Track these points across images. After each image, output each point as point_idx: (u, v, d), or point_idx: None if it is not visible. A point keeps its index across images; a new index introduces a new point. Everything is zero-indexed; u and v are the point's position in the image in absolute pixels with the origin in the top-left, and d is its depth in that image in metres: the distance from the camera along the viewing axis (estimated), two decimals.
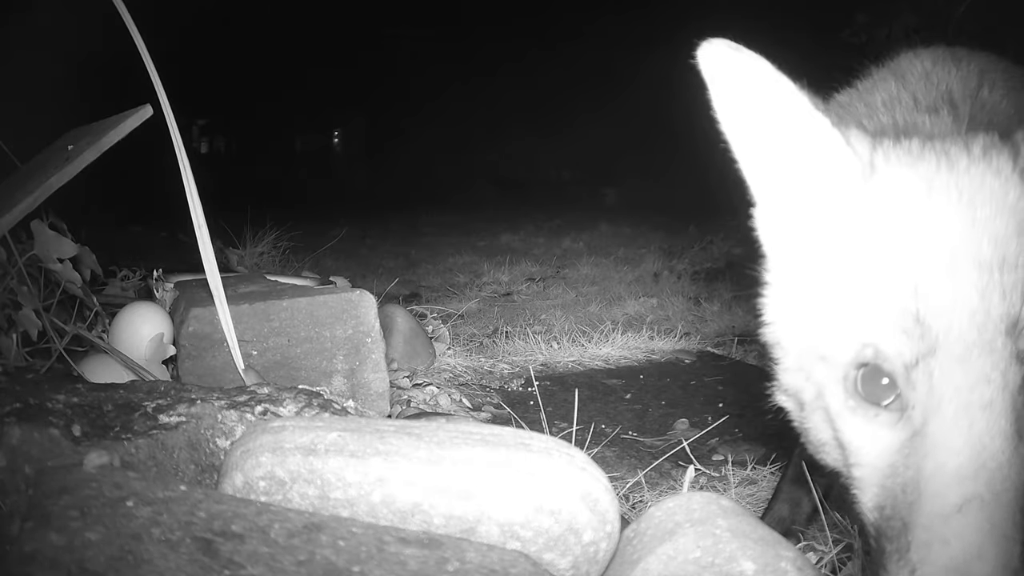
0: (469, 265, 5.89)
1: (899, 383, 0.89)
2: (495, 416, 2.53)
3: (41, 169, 1.93)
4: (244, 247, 4.84)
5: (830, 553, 1.52)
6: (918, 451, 0.87)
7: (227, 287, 1.97)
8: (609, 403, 2.72)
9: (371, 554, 0.93)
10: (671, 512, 1.13)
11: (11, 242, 1.85)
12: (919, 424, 0.88)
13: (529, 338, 3.43)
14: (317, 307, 2.06)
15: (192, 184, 1.85)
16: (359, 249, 6.77)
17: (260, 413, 1.45)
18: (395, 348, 2.82)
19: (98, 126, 1.97)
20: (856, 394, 0.93)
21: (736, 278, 4.98)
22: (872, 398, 0.92)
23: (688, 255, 6.00)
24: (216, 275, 1.85)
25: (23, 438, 1.26)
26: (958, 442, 0.84)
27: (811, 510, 1.70)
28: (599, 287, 4.92)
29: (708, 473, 2.10)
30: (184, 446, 1.36)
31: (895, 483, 0.89)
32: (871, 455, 0.93)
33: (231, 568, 0.86)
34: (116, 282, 2.69)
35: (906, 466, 0.88)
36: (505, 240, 7.28)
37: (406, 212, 10.02)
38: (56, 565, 0.80)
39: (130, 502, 0.93)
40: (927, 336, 0.87)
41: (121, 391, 1.48)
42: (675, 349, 3.43)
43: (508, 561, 0.97)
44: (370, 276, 5.14)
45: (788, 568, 1.02)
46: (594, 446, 2.21)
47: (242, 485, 1.08)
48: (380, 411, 2.11)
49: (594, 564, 1.07)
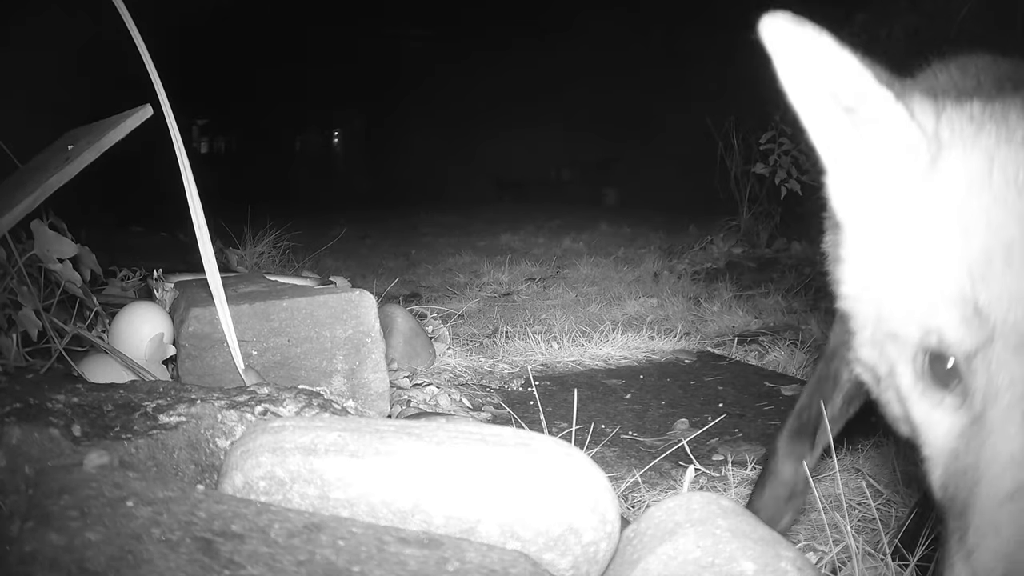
0: (469, 265, 5.89)
1: (961, 370, 0.91)
2: (495, 416, 2.53)
3: (41, 169, 1.93)
4: (244, 247, 4.84)
5: (830, 553, 1.52)
6: (977, 437, 0.89)
7: (227, 287, 1.97)
8: (609, 403, 2.72)
9: (371, 554, 0.93)
10: (671, 512, 1.13)
11: (11, 242, 1.85)
12: (979, 411, 0.89)
13: (529, 338, 3.43)
14: (317, 307, 2.06)
15: (192, 184, 1.85)
16: (359, 249, 6.77)
17: (260, 413, 1.45)
18: (395, 348, 2.82)
19: (98, 126, 1.97)
20: (924, 377, 0.95)
21: (736, 278, 4.98)
22: (939, 382, 0.94)
23: (688, 255, 6.00)
24: (216, 275, 1.85)
25: (23, 438, 1.26)
26: (1012, 430, 0.86)
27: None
28: (599, 287, 4.93)
29: (708, 473, 2.10)
30: (184, 446, 1.36)
31: (957, 467, 0.92)
32: (937, 438, 0.95)
33: (231, 568, 0.86)
34: (116, 282, 2.69)
35: (967, 451, 0.90)
36: (505, 240, 7.28)
37: (406, 212, 10.02)
38: (56, 565, 0.80)
39: (130, 502, 0.93)
40: (985, 325, 0.87)
41: (121, 391, 1.48)
42: (675, 349, 3.43)
43: (508, 561, 0.97)
44: (370, 276, 5.14)
45: (788, 568, 1.02)
46: (594, 446, 2.21)
47: (242, 485, 1.08)
48: (380, 411, 2.11)
49: (594, 564, 1.07)
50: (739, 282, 4.87)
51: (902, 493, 1.83)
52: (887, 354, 1.01)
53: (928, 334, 0.92)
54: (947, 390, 0.93)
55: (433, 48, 15.29)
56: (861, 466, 2.04)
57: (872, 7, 5.15)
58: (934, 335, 0.92)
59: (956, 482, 0.92)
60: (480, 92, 14.06)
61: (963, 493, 0.90)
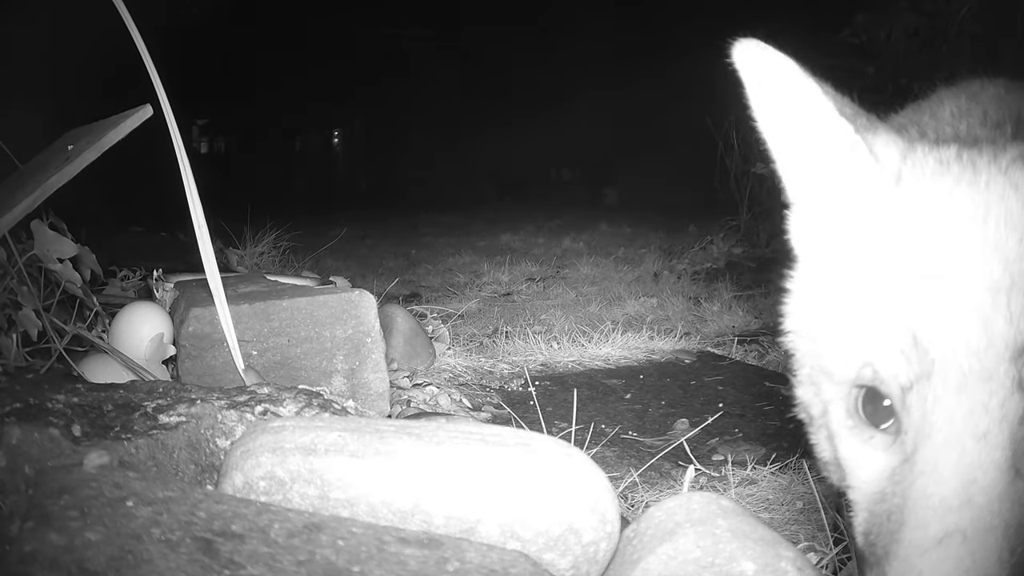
0: (469, 265, 5.89)
1: (896, 406, 0.86)
2: (495, 416, 2.53)
3: (41, 169, 1.93)
4: (244, 247, 4.84)
5: (830, 553, 1.52)
6: (906, 478, 0.84)
7: (227, 287, 1.97)
8: (609, 403, 2.72)
9: (371, 554, 0.93)
10: (671, 512, 1.13)
11: (11, 242, 1.85)
12: (910, 450, 0.84)
13: (529, 338, 3.43)
14: (317, 307, 2.06)
15: (192, 184, 1.85)
16: (359, 249, 6.77)
17: (260, 413, 1.45)
18: (395, 348, 2.82)
19: (98, 126, 1.97)
20: (856, 414, 0.90)
21: (736, 278, 4.98)
22: (872, 420, 0.89)
23: (688, 255, 6.00)
24: (216, 275, 1.85)
25: (23, 438, 1.26)
26: (946, 472, 0.80)
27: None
28: (599, 287, 4.93)
29: (708, 473, 2.10)
30: (184, 446, 1.36)
31: (882, 509, 0.87)
32: (864, 478, 0.91)
33: (231, 568, 0.86)
34: (116, 282, 2.69)
35: (894, 492, 0.85)
36: (505, 240, 7.28)
37: (406, 212, 10.02)
38: (56, 565, 0.80)
39: (130, 502, 0.93)
40: (924, 359, 0.83)
41: (121, 391, 1.48)
42: (675, 349, 3.43)
43: (508, 561, 0.97)
44: (370, 276, 5.14)
45: (788, 568, 1.02)
46: (594, 446, 2.21)
47: (242, 485, 1.08)
48: (380, 411, 2.12)
49: (594, 564, 1.07)
50: (739, 282, 4.87)
51: None
52: (822, 393, 0.96)
53: (864, 367, 0.88)
54: (878, 428, 0.88)
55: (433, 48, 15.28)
56: None
57: (872, 7, 5.15)
58: (869, 368, 0.87)
59: (879, 527, 0.86)
60: (480, 92, 14.06)
61: (884, 539, 0.83)
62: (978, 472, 0.79)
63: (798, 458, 2.14)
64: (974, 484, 0.79)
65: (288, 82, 15.35)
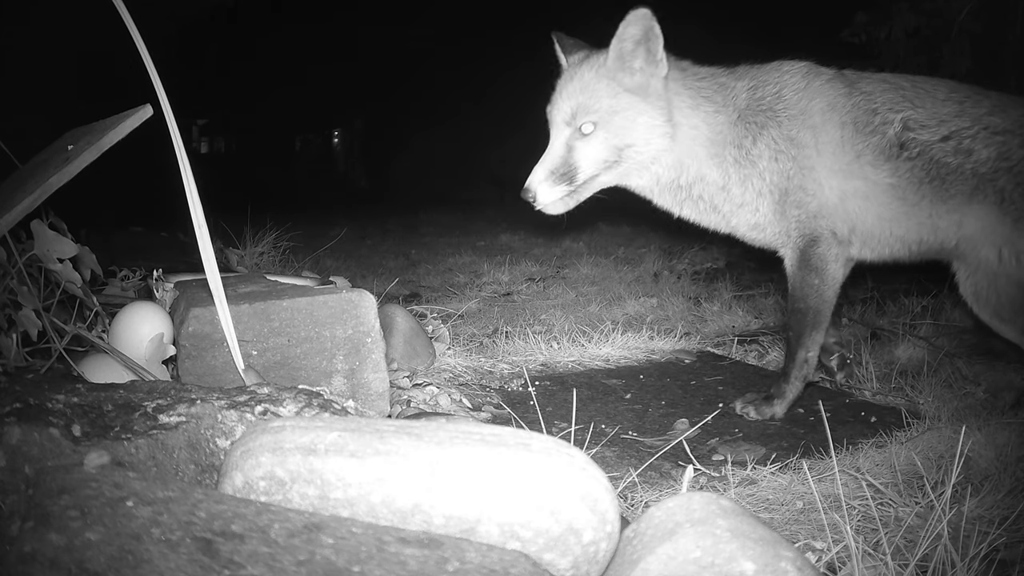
0: (469, 265, 5.88)
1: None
2: (495, 416, 2.53)
3: (41, 169, 1.93)
4: (244, 247, 4.83)
5: (830, 553, 1.52)
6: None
7: (227, 287, 1.97)
8: (609, 403, 2.72)
9: (371, 554, 0.93)
10: (671, 512, 1.13)
11: (11, 242, 1.85)
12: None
13: (529, 338, 3.43)
14: (317, 307, 2.06)
15: (192, 184, 1.85)
16: (359, 249, 6.77)
17: (260, 413, 1.45)
18: (395, 348, 2.82)
19: (98, 126, 1.97)
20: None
21: (736, 278, 4.98)
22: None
23: (688, 255, 5.99)
24: (216, 275, 1.85)
25: (23, 438, 1.26)
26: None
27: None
28: (599, 287, 4.92)
29: (708, 473, 2.10)
30: (184, 446, 1.36)
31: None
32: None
33: (231, 568, 0.86)
34: (116, 282, 2.69)
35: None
36: (505, 240, 7.27)
37: (406, 212, 10.02)
38: (56, 565, 0.80)
39: (130, 502, 0.93)
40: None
41: (121, 391, 1.48)
42: (675, 349, 3.43)
43: (508, 561, 0.97)
44: (370, 276, 5.14)
45: (788, 568, 1.02)
46: (594, 446, 2.21)
47: (242, 485, 1.08)
48: (380, 411, 2.12)
49: (594, 564, 1.07)
50: (739, 282, 4.87)
51: (902, 493, 1.83)
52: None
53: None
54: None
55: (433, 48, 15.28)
56: (861, 466, 2.04)
57: (872, 7, 5.15)
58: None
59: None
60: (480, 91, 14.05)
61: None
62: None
63: (798, 458, 2.14)
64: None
65: (288, 82, 15.36)
